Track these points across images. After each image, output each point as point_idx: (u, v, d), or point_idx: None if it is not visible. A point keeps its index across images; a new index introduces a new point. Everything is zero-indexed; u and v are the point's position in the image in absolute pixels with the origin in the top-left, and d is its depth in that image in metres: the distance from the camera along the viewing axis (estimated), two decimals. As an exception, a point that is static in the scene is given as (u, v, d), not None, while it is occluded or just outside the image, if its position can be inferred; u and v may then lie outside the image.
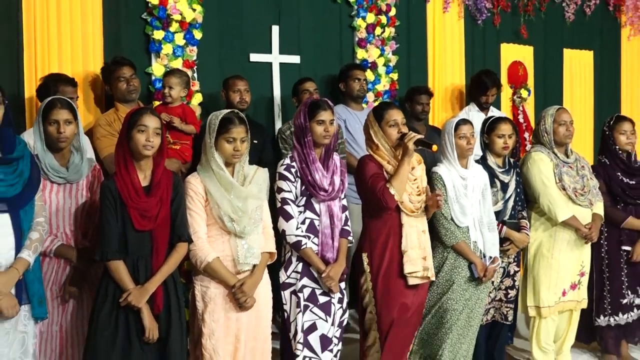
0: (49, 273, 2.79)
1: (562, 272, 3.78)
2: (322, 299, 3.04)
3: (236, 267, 2.79)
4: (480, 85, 5.11)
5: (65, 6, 3.86)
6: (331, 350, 3.05)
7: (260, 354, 2.87)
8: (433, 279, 3.25)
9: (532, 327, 3.91)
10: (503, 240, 3.59)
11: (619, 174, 3.96)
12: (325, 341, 3.02)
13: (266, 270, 2.93)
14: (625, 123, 3.98)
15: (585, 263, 3.87)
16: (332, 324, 3.06)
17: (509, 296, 3.72)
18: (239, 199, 2.77)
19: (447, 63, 5.45)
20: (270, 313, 2.96)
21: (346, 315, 3.17)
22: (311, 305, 3.02)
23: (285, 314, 3.02)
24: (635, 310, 4.00)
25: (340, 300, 3.13)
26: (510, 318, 3.77)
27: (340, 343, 3.16)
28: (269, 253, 2.93)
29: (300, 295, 3.01)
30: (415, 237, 3.14)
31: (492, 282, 3.58)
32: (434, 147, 3.07)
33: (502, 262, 3.63)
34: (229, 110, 2.86)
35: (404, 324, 3.18)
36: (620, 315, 3.97)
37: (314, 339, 2.99)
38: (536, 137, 3.89)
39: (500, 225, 3.58)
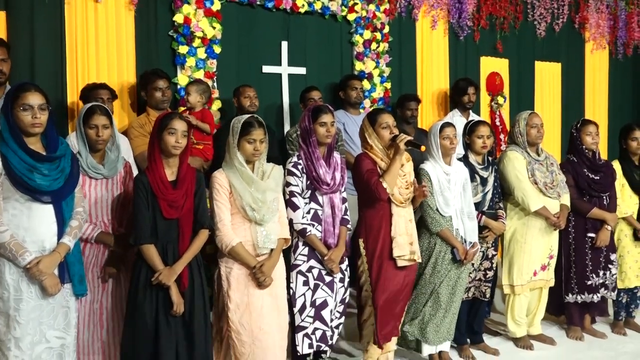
0: (90, 257, 2.79)
1: (533, 255, 3.77)
2: (327, 279, 3.07)
3: (256, 250, 2.80)
4: (459, 88, 5.10)
5: (102, 23, 3.85)
6: (332, 320, 3.07)
7: (277, 325, 2.86)
8: (419, 261, 3.24)
9: (507, 303, 3.91)
10: (482, 228, 3.59)
11: (585, 170, 3.93)
12: (331, 315, 3.06)
13: (281, 254, 2.93)
14: (590, 126, 3.96)
15: (553, 247, 3.86)
16: (334, 300, 3.07)
17: (487, 276, 3.71)
18: (259, 192, 2.78)
19: (433, 74, 5.41)
20: (285, 290, 2.96)
21: (347, 292, 3.18)
22: (321, 284, 3.04)
23: (292, 291, 3.02)
24: (600, 290, 3.97)
25: (342, 280, 3.14)
26: (488, 295, 3.76)
27: (343, 317, 3.15)
28: (284, 239, 2.93)
29: (309, 274, 3.02)
30: (403, 225, 3.14)
31: (473, 264, 3.57)
32: (423, 148, 3.06)
33: (482, 247, 3.62)
34: (249, 115, 2.86)
35: (394, 300, 3.18)
36: (586, 294, 3.95)
37: (326, 313, 3.02)
38: (511, 138, 3.88)
39: (480, 214, 3.56)
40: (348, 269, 3.19)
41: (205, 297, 2.74)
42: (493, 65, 5.78)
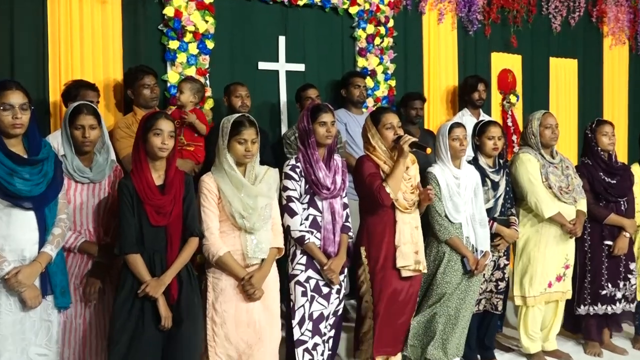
0: (73, 267, 2.78)
1: (547, 264, 3.77)
2: (325, 290, 3.06)
3: (245, 260, 2.79)
4: (468, 85, 5.12)
5: (87, 17, 3.85)
6: (325, 335, 3.08)
7: (268, 342, 2.86)
8: (425, 271, 3.23)
9: (520, 316, 3.90)
10: (494, 236, 3.58)
11: (601, 173, 3.93)
12: (325, 328, 3.06)
13: (274, 264, 2.92)
14: (606, 125, 3.96)
15: (569, 256, 3.86)
16: (330, 311, 3.08)
17: (499, 287, 3.70)
18: (250, 197, 2.77)
19: (441, 71, 5.42)
20: (278, 304, 2.96)
21: (341, 305, 3.18)
22: (317, 296, 3.04)
23: (291, 303, 3.02)
24: (618, 303, 3.97)
25: (338, 292, 3.14)
26: (500, 308, 3.75)
27: (333, 330, 3.14)
28: (277, 248, 2.92)
29: (307, 285, 3.01)
30: (408, 232, 3.14)
31: (484, 275, 3.57)
32: (428, 150, 3.06)
33: (493, 256, 3.62)
34: (240, 114, 2.86)
35: (397, 312, 3.18)
36: (599, 305, 3.95)
37: (323, 326, 3.02)
38: (524, 139, 3.88)
39: (491, 221, 3.56)
40: (346, 279, 3.19)
41: (197, 310, 2.73)
42: (505, 62, 5.79)
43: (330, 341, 3.14)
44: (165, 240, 2.64)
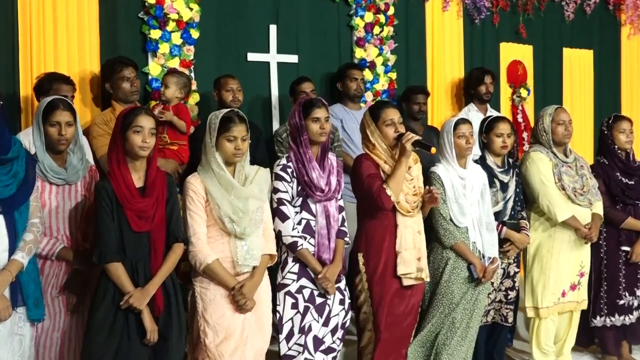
0: (50, 277, 2.76)
1: (561, 272, 3.78)
2: (319, 300, 3.06)
3: (235, 268, 2.79)
4: (474, 78, 5.14)
5: (61, 5, 3.84)
6: (324, 352, 3.06)
7: (260, 356, 2.87)
8: (427, 280, 3.24)
9: (532, 328, 3.90)
10: (503, 241, 3.59)
11: (618, 174, 3.95)
12: (317, 342, 3.04)
13: (266, 273, 2.93)
14: (624, 122, 3.98)
15: (585, 263, 3.87)
16: (324, 325, 3.07)
17: (508, 297, 3.71)
18: (240, 200, 2.77)
19: (446, 62, 5.44)
20: (270, 315, 2.96)
21: (348, 316, 3.18)
22: (311, 307, 3.03)
23: (278, 315, 3.02)
24: (634, 312, 3.98)
25: (342, 302, 3.14)
26: (510, 319, 3.76)
27: (341, 345, 3.16)
28: (270, 255, 2.92)
29: (299, 296, 3.01)
30: (410, 237, 3.14)
31: (492, 283, 3.57)
32: (433, 150, 3.07)
33: (502, 263, 3.63)
34: (229, 110, 2.86)
35: (398, 324, 3.18)
36: (617, 316, 3.96)
37: (309, 340, 3.01)
38: (534, 136, 3.89)
39: (500, 225, 3.57)
40: (347, 288, 3.20)
41: (182, 322, 2.73)
42: (515, 53, 5.82)
43: (338, 356, 3.14)
44: (149, 247, 2.64)
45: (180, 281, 2.85)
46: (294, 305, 3.01)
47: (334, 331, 3.11)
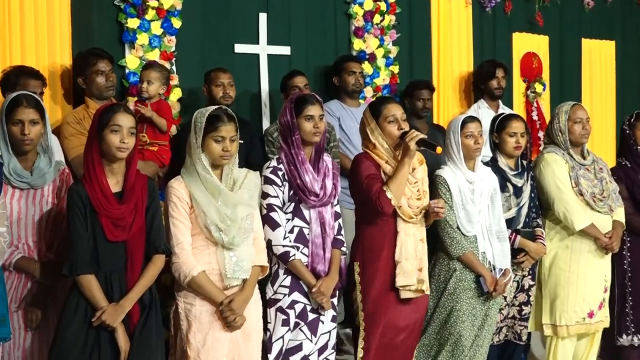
0: (9, 289, 2.76)
1: (587, 288, 3.75)
2: (311, 316, 3.06)
3: (223, 282, 2.79)
4: (484, 72, 5.17)
5: (29, -8, 3.86)
6: None
7: None
8: (427, 292, 3.24)
9: (549, 348, 3.91)
10: (517, 251, 3.60)
11: (642, 177, 3.97)
12: None
13: (257, 286, 2.93)
14: (647, 120, 4.01)
15: (607, 277, 3.87)
16: (315, 344, 3.07)
17: (523, 313, 3.72)
18: (228, 206, 2.78)
19: (453, 55, 5.46)
20: (261, 333, 2.96)
21: (334, 332, 3.18)
22: (302, 324, 3.04)
23: (268, 333, 3.02)
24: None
25: (334, 319, 3.15)
26: (524, 338, 3.77)
27: None
28: (261, 267, 2.93)
29: (291, 312, 3.02)
30: (411, 246, 3.14)
31: (504, 298, 3.59)
32: (438, 149, 3.07)
33: (516, 275, 3.63)
34: (216, 107, 2.87)
35: (394, 344, 3.17)
36: (646, 334, 3.98)
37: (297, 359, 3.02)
38: (549, 136, 3.91)
39: (514, 234, 3.59)
40: (341, 302, 3.19)
41: (161, 341, 2.73)
42: (529, 44, 5.84)
43: None
44: (125, 258, 2.64)
45: (160, 296, 2.84)
46: (285, 322, 3.01)
47: (321, 350, 3.11)
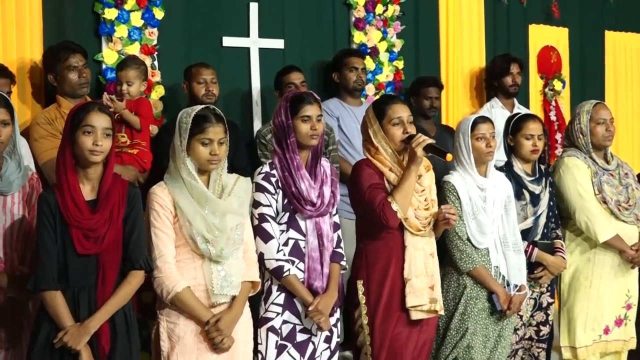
0: None
1: (603, 304, 3.78)
2: (300, 337, 3.06)
3: (210, 299, 2.79)
4: (498, 67, 5.19)
5: (-5, -21, 3.87)
6: None
7: None
8: (442, 312, 3.25)
9: (569, 372, 3.92)
10: (534, 266, 3.61)
11: (670, 183, 3.98)
12: None
13: (247, 304, 2.93)
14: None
15: (632, 293, 3.89)
16: None
17: (540, 334, 3.73)
18: (216, 215, 2.78)
19: (464, 49, 5.47)
20: (251, 356, 2.96)
21: (335, 357, 3.19)
22: (288, 345, 3.04)
23: (260, 356, 3.02)
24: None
25: (329, 339, 3.14)
26: (542, 360, 3.78)
27: None
28: (251, 282, 2.93)
29: (279, 332, 3.02)
30: (421, 262, 3.14)
31: (520, 317, 3.59)
32: (449, 156, 3.07)
33: (533, 292, 3.64)
34: (203, 106, 2.88)
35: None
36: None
37: None
38: (569, 138, 3.92)
39: (530, 246, 3.59)
40: (338, 323, 3.20)
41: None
42: (547, 37, 5.86)
43: None
44: (97, 273, 2.63)
45: (139, 315, 2.84)
46: (277, 344, 3.01)
47: None
